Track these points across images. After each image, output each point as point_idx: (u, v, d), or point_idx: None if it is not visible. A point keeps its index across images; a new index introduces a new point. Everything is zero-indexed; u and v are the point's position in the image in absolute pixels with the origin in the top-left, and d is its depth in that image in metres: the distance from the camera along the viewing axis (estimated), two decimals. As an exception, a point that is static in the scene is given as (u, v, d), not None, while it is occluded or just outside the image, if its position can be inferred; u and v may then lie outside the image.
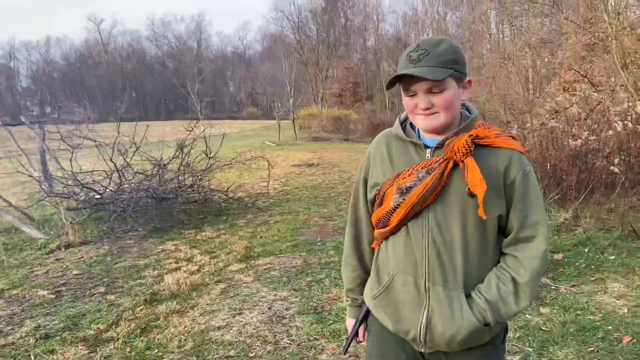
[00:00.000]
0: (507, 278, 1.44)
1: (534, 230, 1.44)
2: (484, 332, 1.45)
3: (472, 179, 1.37)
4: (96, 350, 3.49)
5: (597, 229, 5.50)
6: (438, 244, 1.45)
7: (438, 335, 1.46)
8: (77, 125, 7.78)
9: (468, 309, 1.43)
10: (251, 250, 5.89)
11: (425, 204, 1.45)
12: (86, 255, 5.90)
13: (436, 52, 1.39)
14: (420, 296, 1.48)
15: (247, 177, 12.49)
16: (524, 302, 1.43)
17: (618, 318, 3.60)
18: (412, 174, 1.47)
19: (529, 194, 1.45)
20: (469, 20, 26.11)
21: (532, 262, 1.43)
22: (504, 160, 1.44)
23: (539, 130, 7.30)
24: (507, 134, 1.50)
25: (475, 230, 1.44)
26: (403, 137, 1.55)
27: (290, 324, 3.81)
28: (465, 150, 1.39)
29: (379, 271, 1.61)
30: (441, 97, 1.41)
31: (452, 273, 1.45)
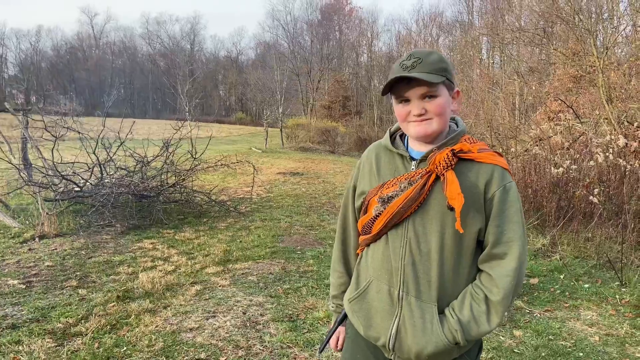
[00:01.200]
0: (480, 297, 1.43)
1: (507, 247, 1.43)
2: (453, 350, 1.45)
3: (450, 192, 1.38)
4: (63, 344, 3.40)
5: (574, 257, 5.57)
6: (414, 255, 1.45)
7: (406, 346, 1.46)
8: (61, 116, 7.64)
9: (439, 326, 1.43)
10: (230, 254, 5.83)
11: (406, 215, 1.45)
12: (60, 248, 5.78)
13: (428, 60, 1.42)
14: (393, 305, 1.48)
15: (231, 181, 12.41)
16: (495, 320, 1.43)
17: (589, 345, 3.64)
18: (395, 184, 1.49)
19: (507, 210, 1.44)
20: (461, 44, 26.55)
21: (504, 280, 1.42)
22: (485, 175, 1.44)
23: (522, 156, 7.41)
24: (492, 150, 1.51)
25: (452, 244, 1.44)
26: (391, 149, 1.57)
27: (264, 330, 3.77)
28: (446, 164, 1.40)
29: (358, 276, 1.62)
30: (435, 103, 1.42)
31: (427, 285, 1.45)
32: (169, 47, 74.61)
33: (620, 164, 5.92)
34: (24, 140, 7.71)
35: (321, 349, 1.82)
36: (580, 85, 10.68)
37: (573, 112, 8.88)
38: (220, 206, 8.47)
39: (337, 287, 1.78)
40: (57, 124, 7.09)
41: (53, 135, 6.99)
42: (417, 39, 47.89)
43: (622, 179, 5.93)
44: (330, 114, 40.43)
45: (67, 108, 8.20)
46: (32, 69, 70.76)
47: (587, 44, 9.64)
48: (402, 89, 1.44)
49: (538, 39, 11.70)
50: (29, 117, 7.74)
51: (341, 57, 52.47)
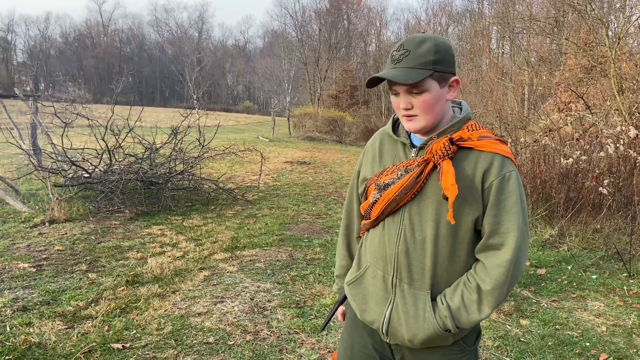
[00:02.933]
0: (472, 286, 1.42)
1: (503, 238, 1.39)
2: (447, 336, 1.44)
3: (444, 182, 1.35)
4: (74, 327, 3.45)
5: (582, 248, 5.55)
6: (409, 243, 1.45)
7: (399, 332, 1.48)
8: (70, 102, 7.67)
9: (431, 312, 1.42)
10: (237, 241, 5.87)
11: (402, 202, 1.45)
12: (70, 232, 5.84)
13: (417, 52, 1.37)
14: (387, 291, 1.49)
15: (239, 169, 12.44)
16: (486, 310, 1.41)
17: (596, 335, 3.64)
18: (393, 172, 1.49)
19: (505, 200, 1.39)
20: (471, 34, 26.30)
21: (496, 270, 1.38)
22: (484, 164, 1.40)
23: (531, 146, 7.37)
24: (495, 137, 1.46)
25: (448, 233, 1.42)
26: (393, 136, 1.58)
27: (272, 315, 3.80)
28: (442, 153, 1.38)
29: (359, 260, 1.64)
30: (420, 99, 1.40)
31: (420, 273, 1.45)
32: (176, 35, 74.51)
33: (631, 155, 5.87)
34: (34, 126, 7.77)
35: (323, 327, 1.93)
36: (591, 75, 10.56)
37: (584, 103, 8.80)
38: (228, 194, 8.50)
39: (340, 268, 1.84)
40: (66, 110, 7.12)
41: (63, 122, 7.03)
42: (427, 28, 47.46)
43: (632, 170, 5.88)
44: (338, 104, 40.28)
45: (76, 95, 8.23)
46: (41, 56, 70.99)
47: (599, 34, 9.51)
48: (390, 82, 1.42)
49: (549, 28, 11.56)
50: (39, 103, 7.79)
51: (349, 46, 52.11)
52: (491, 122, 10.68)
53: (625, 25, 9.52)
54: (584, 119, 8.15)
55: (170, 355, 3.12)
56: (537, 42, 14.20)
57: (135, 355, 3.11)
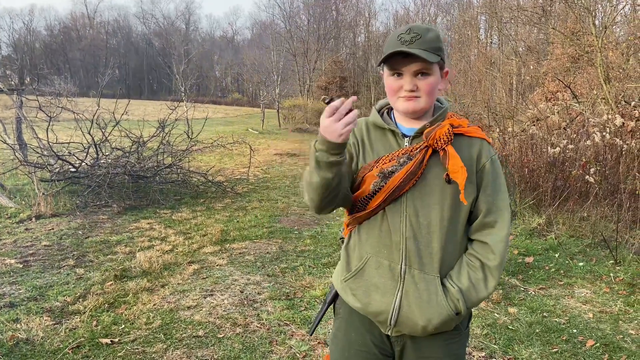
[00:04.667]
0: (476, 265, 1.49)
1: (497, 215, 1.51)
2: (454, 319, 1.48)
3: (453, 165, 1.41)
4: (61, 322, 3.43)
5: (569, 236, 5.61)
6: (415, 228, 1.47)
7: (410, 320, 1.47)
8: (55, 96, 7.57)
9: (443, 296, 1.45)
10: (227, 234, 5.85)
11: (405, 189, 1.46)
12: (57, 228, 5.78)
13: (427, 37, 1.41)
14: (395, 279, 1.49)
15: (228, 162, 12.39)
16: (492, 284, 1.49)
17: (583, 322, 3.68)
18: (393, 159, 1.49)
19: (496, 180, 1.52)
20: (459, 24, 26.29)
21: (499, 246, 1.49)
22: (476, 148, 1.51)
23: (519, 135, 7.40)
24: (475, 125, 1.58)
25: (451, 215, 1.48)
26: (382, 125, 1.56)
27: (262, 308, 3.80)
28: (447, 139, 1.44)
29: (349, 256, 1.61)
30: (426, 81, 1.44)
31: (429, 257, 1.47)
32: (163, 27, 73.68)
33: (617, 144, 5.93)
34: (19, 120, 7.65)
35: (312, 331, 1.84)
36: (578, 65, 10.62)
37: (571, 92, 8.85)
38: (217, 187, 8.47)
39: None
40: (51, 104, 7.02)
41: (47, 115, 6.93)
42: (415, 18, 47.37)
43: (618, 158, 5.93)
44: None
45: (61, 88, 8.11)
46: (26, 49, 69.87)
47: (585, 23, 9.56)
48: (397, 62, 1.44)
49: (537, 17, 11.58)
50: (23, 97, 7.66)
51: (338, 37, 51.90)
52: (479, 112, 10.72)
53: (612, 14, 9.57)
54: (571, 108, 8.20)
55: (160, 349, 3.11)
56: (524, 32, 14.24)
57: (124, 350, 3.09)
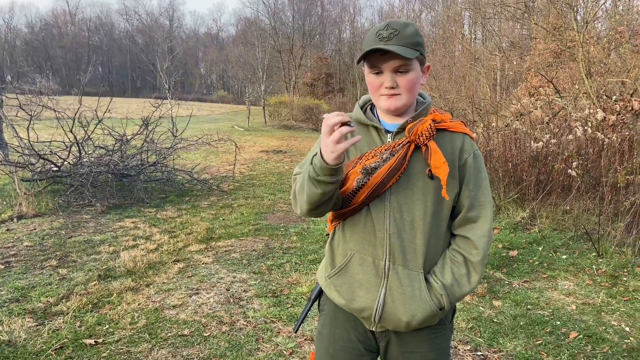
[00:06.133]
0: (459, 260, 1.50)
1: (480, 210, 1.51)
2: (438, 315, 1.49)
3: (435, 161, 1.41)
4: (44, 323, 3.38)
5: (552, 229, 5.68)
6: (399, 224, 1.47)
7: (394, 316, 1.47)
8: (36, 94, 7.43)
9: (427, 292, 1.46)
10: (212, 232, 5.81)
11: (388, 185, 1.46)
12: (39, 228, 5.69)
13: (405, 33, 1.40)
14: (379, 276, 1.49)
15: (214, 159, 12.31)
16: (475, 278, 1.50)
17: (566, 314, 3.73)
18: (376, 155, 1.49)
19: (479, 175, 1.52)
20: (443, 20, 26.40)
21: (482, 241, 1.49)
22: (458, 143, 1.51)
23: (503, 130, 7.47)
24: (458, 120, 1.57)
25: (434, 211, 1.47)
26: (365, 121, 1.56)
27: (248, 305, 3.79)
28: (429, 134, 1.43)
29: (333, 253, 1.61)
30: (406, 78, 1.43)
31: (413, 253, 1.47)
32: (147, 24, 72.85)
33: (598, 138, 6.01)
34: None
35: (297, 328, 1.82)
36: (560, 60, 10.74)
37: (553, 87, 8.95)
38: (203, 184, 8.41)
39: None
40: (32, 102, 6.90)
41: (28, 114, 6.81)
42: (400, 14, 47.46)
43: (600, 152, 6.02)
44: (313, 92, 40.13)
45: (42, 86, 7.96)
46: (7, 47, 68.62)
47: (567, 18, 9.65)
48: (376, 60, 1.43)
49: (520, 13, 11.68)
50: (3, 95, 7.52)
51: (323, 34, 51.84)
52: (463, 107, 10.78)
53: (593, 9, 9.68)
54: (554, 102, 8.29)
55: (145, 349, 3.08)
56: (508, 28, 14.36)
57: (108, 350, 3.06)
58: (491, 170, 6.82)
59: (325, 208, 1.48)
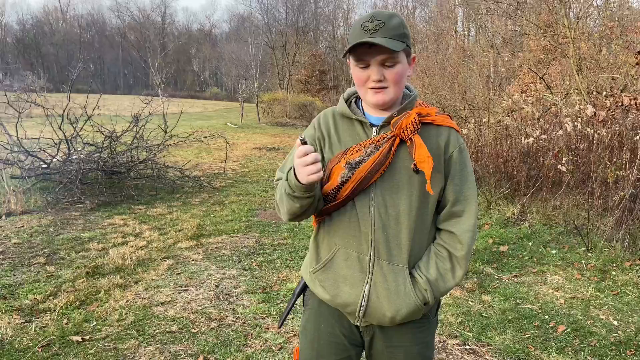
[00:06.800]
0: (444, 255, 1.49)
1: (465, 204, 1.50)
2: (422, 309, 1.48)
3: (419, 155, 1.39)
4: (31, 320, 3.35)
5: (542, 224, 5.70)
6: (384, 219, 1.45)
7: (378, 311, 1.46)
8: (24, 91, 7.37)
9: (411, 287, 1.45)
10: (203, 228, 5.79)
11: (373, 180, 1.45)
12: (27, 225, 5.65)
13: (390, 24, 1.38)
14: (363, 271, 1.48)
15: (206, 156, 12.26)
16: (460, 273, 1.49)
17: (555, 308, 3.75)
18: (360, 149, 1.47)
19: (464, 169, 1.51)
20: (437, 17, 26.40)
21: (466, 235, 1.48)
22: (444, 137, 1.49)
23: (494, 127, 7.48)
24: (445, 114, 1.55)
25: (419, 206, 1.46)
26: (350, 115, 1.54)
27: (237, 302, 3.77)
28: (413, 128, 1.41)
29: (318, 247, 1.59)
30: (393, 71, 1.41)
31: (398, 248, 1.46)
32: (139, 20, 72.40)
33: (588, 133, 6.03)
34: (-13, 116, 7.44)
35: (280, 323, 1.81)
36: (552, 56, 10.75)
37: (544, 83, 8.97)
38: (194, 181, 8.37)
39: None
40: (20, 99, 6.83)
41: (17, 111, 6.74)
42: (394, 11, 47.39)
43: (589, 147, 6.04)
44: (307, 89, 40.04)
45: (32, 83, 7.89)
46: (-3, 44, 67.91)
47: (559, 14, 9.67)
48: (363, 53, 1.40)
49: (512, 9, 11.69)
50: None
51: (317, 30, 51.74)
52: (455, 104, 10.80)
53: (584, 5, 9.70)
54: (544, 99, 8.31)
55: (132, 345, 3.06)
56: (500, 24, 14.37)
57: (95, 347, 3.03)
58: (482, 166, 6.83)
59: (307, 214, 1.52)
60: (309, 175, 1.32)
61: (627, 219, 4.99)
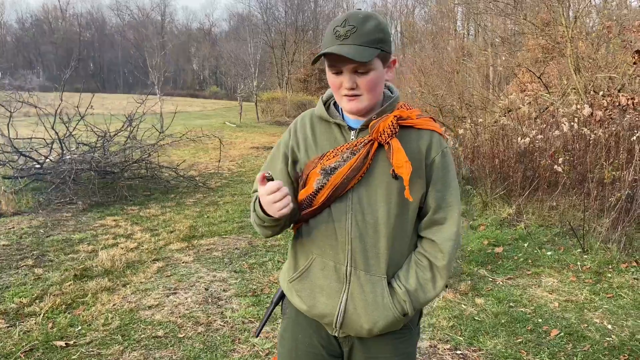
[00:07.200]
0: (424, 264, 1.42)
1: (447, 212, 1.43)
2: (402, 320, 1.43)
3: (397, 160, 1.33)
4: (16, 325, 3.30)
5: (538, 225, 5.64)
6: (361, 228, 1.39)
7: (356, 323, 1.41)
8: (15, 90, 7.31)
9: (389, 298, 1.39)
10: (195, 229, 5.73)
11: (350, 186, 1.39)
12: (17, 226, 5.59)
13: (364, 29, 1.31)
14: (340, 281, 1.42)
15: (202, 156, 12.20)
16: (441, 284, 1.42)
17: (548, 311, 3.69)
18: (337, 154, 1.41)
19: (447, 175, 1.44)
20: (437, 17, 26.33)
21: (447, 244, 1.41)
22: (425, 141, 1.42)
23: (491, 126, 7.42)
24: (428, 115, 1.49)
25: (398, 213, 1.40)
26: (327, 118, 1.48)
27: (226, 305, 3.72)
28: (391, 132, 1.35)
29: (296, 255, 1.54)
30: (366, 79, 1.35)
31: (375, 258, 1.40)
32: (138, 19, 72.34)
33: (585, 133, 5.97)
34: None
35: (258, 332, 1.75)
36: (550, 55, 10.69)
37: (542, 83, 8.91)
38: (189, 181, 8.32)
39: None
40: (11, 98, 6.78)
41: (8, 110, 6.69)
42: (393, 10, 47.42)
43: (586, 147, 5.98)
44: (306, 88, 39.93)
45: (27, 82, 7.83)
46: (-3, 43, 67.88)
47: (556, 13, 9.60)
48: (334, 59, 1.34)
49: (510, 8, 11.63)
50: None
51: (317, 29, 51.60)
52: (452, 103, 10.74)
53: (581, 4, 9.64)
54: (542, 98, 8.25)
55: (116, 351, 3.01)
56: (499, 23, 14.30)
57: (79, 352, 2.98)
58: (478, 167, 6.78)
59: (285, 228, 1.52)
60: (279, 210, 1.31)
61: (623, 220, 4.93)
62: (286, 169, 1.54)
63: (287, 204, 1.31)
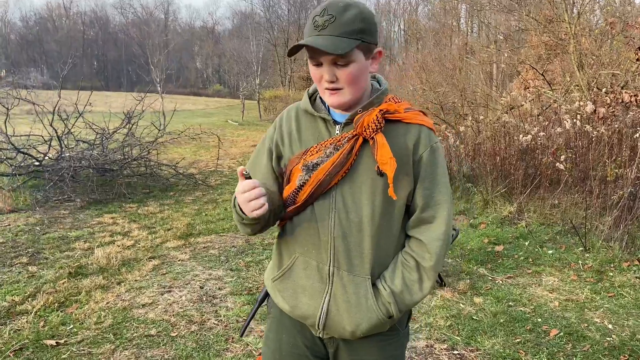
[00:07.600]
0: (411, 265, 1.35)
1: (436, 210, 1.36)
2: (387, 322, 1.37)
3: (381, 156, 1.27)
4: (6, 323, 3.26)
5: (539, 224, 5.57)
6: (345, 226, 1.33)
7: (338, 324, 1.36)
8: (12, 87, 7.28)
9: (373, 300, 1.33)
10: (193, 227, 5.69)
11: (333, 183, 1.33)
12: (14, 224, 5.56)
13: (342, 19, 1.23)
14: (323, 281, 1.37)
15: (204, 154, 12.18)
16: (428, 285, 1.36)
17: (548, 311, 3.63)
18: (320, 150, 1.35)
19: (435, 171, 1.37)
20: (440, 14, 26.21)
21: (435, 244, 1.34)
22: (413, 136, 1.35)
23: (492, 124, 7.35)
24: (417, 109, 1.41)
25: (383, 211, 1.33)
26: (312, 112, 1.41)
27: (221, 304, 3.67)
28: (375, 126, 1.28)
29: (280, 253, 1.49)
30: (346, 72, 1.27)
31: (359, 258, 1.34)
32: (142, 17, 72.38)
33: (588, 131, 5.89)
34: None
35: (242, 332, 1.71)
36: (553, 52, 10.59)
37: (545, 80, 8.82)
38: (188, 179, 8.28)
39: None
40: (8, 95, 6.75)
41: (5, 107, 6.66)
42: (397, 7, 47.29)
43: (589, 145, 5.90)
44: (309, 85, 39.68)
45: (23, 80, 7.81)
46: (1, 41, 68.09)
47: (559, 9, 9.51)
48: (312, 50, 1.26)
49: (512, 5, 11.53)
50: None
51: (319, 27, 51.48)
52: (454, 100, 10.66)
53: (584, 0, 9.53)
54: (544, 95, 8.17)
55: (107, 350, 2.96)
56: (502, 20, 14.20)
57: (69, 351, 2.94)
58: (479, 165, 6.71)
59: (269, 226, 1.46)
60: (252, 210, 1.25)
61: (626, 218, 4.85)
62: (270, 165, 1.49)
63: (261, 205, 1.24)
